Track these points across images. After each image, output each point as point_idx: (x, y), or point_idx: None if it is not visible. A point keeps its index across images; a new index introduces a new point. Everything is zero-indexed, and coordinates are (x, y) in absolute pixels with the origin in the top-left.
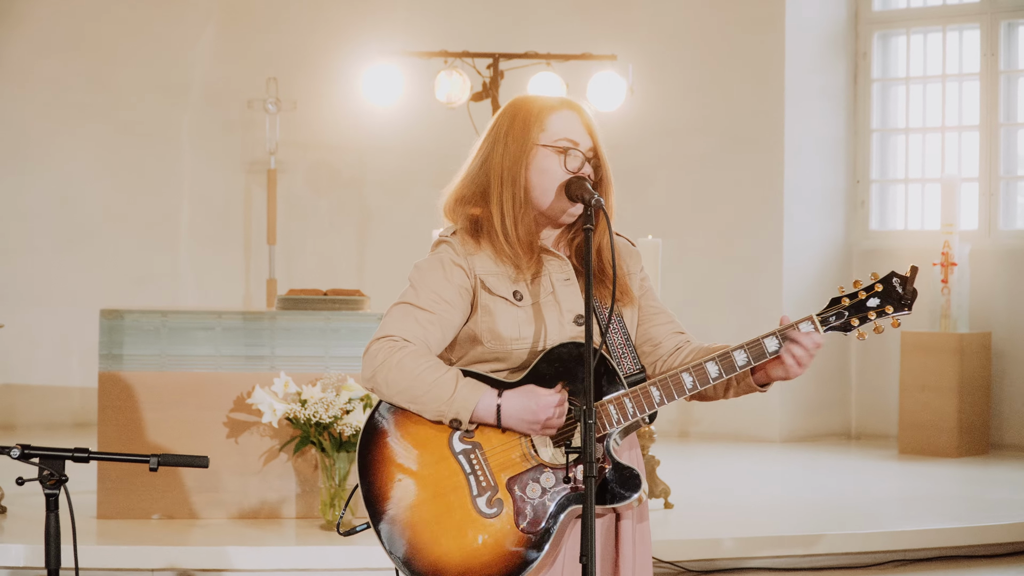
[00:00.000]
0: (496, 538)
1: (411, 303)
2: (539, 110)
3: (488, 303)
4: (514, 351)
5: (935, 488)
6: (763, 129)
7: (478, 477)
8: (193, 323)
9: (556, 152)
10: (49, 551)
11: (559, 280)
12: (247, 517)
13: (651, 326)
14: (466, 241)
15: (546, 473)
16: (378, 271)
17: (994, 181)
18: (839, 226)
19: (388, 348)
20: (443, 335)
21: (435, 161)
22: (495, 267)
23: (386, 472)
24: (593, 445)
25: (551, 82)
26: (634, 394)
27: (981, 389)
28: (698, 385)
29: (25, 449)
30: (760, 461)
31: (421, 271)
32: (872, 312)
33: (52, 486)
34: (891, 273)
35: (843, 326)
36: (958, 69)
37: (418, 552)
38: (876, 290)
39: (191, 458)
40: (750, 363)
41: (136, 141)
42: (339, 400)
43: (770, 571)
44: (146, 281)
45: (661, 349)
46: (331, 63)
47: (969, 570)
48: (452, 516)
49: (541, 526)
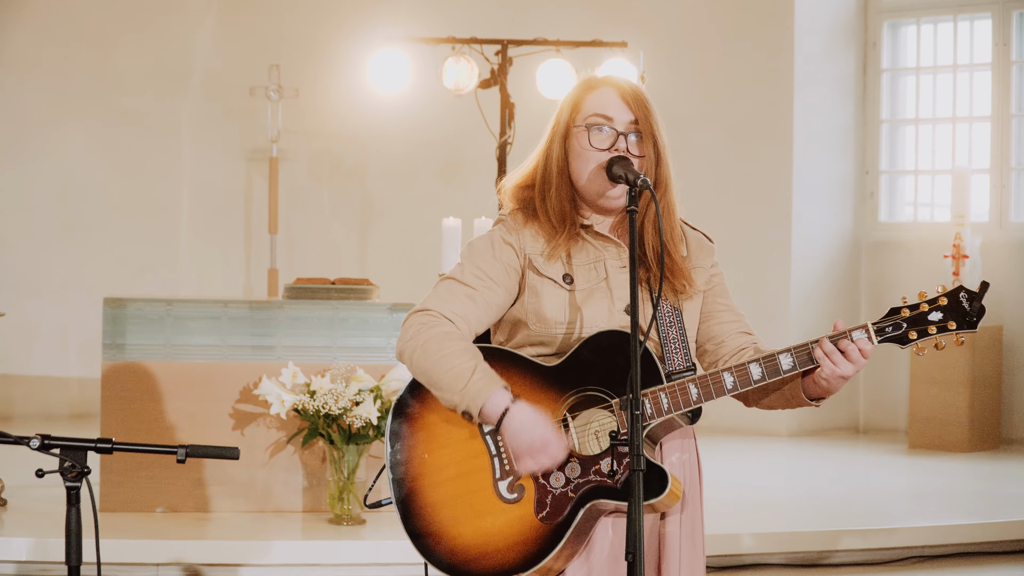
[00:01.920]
0: (513, 525)
1: (455, 278)
2: (578, 91)
3: (536, 284)
4: (559, 336)
5: (949, 484)
6: (772, 119)
7: (503, 460)
8: (198, 312)
9: (585, 131)
10: (70, 547)
11: (614, 267)
12: (253, 511)
13: (715, 323)
14: (518, 219)
15: (572, 462)
16: (381, 261)
17: (1005, 172)
18: (847, 218)
19: (421, 324)
20: (484, 312)
21: (440, 150)
22: (544, 246)
23: (411, 446)
24: (640, 438)
25: (561, 69)
26: (671, 389)
27: (992, 383)
28: (739, 386)
29: (45, 439)
30: (770, 456)
31: (472, 248)
32: (933, 326)
33: (73, 479)
34: (959, 287)
35: (900, 338)
36: (969, 59)
37: (435, 532)
38: (940, 303)
39: (221, 449)
40: (795, 368)
41: (136, 129)
42: (349, 391)
43: (789, 567)
44: (146, 270)
45: (723, 349)
46: (334, 49)
47: (988, 567)
48: (472, 498)
49: (561, 517)
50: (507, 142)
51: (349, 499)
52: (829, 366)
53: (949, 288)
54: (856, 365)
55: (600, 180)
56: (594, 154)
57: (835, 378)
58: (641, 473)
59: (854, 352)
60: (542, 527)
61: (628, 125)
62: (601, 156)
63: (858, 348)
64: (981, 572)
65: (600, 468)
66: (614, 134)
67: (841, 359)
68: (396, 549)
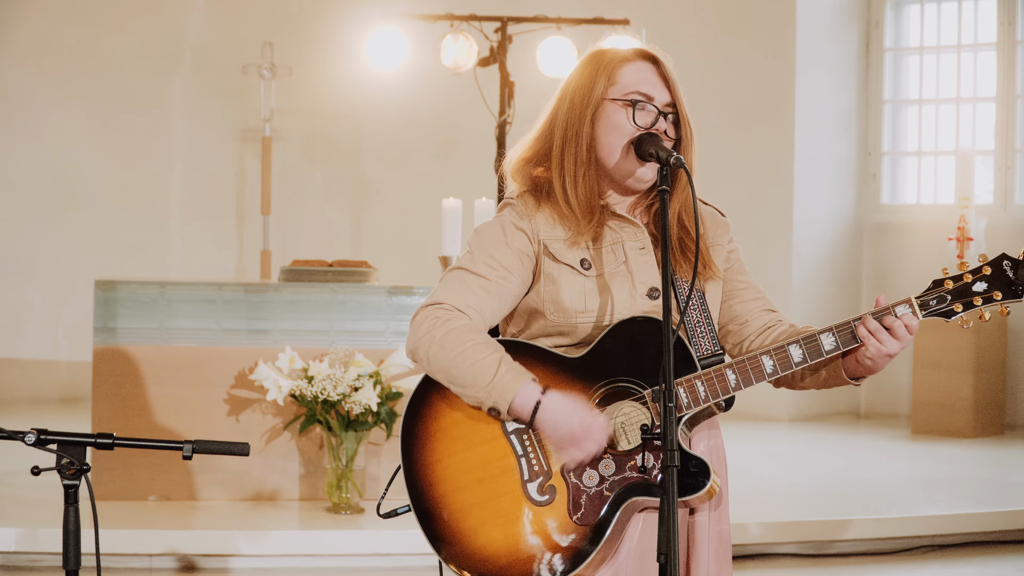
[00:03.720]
0: (546, 528)
1: (466, 268)
2: (609, 61)
3: (552, 271)
4: (579, 325)
5: (955, 470)
6: (774, 99)
7: (530, 460)
8: (193, 295)
9: (624, 106)
10: (68, 549)
11: (633, 249)
12: (248, 499)
13: (737, 302)
14: (528, 203)
15: (606, 459)
16: (375, 243)
17: (1010, 154)
18: (849, 200)
19: (434, 319)
20: (499, 304)
21: (436, 129)
22: (560, 232)
23: (430, 450)
24: (675, 431)
25: (562, 47)
26: (707, 377)
27: (997, 368)
28: (779, 370)
29: (42, 434)
30: (771, 442)
31: (480, 235)
32: (978, 297)
33: (72, 476)
34: (1002, 255)
35: (945, 311)
36: (973, 39)
37: (461, 540)
38: (984, 273)
39: (230, 445)
40: (838, 348)
41: (127, 108)
42: (347, 377)
43: (798, 557)
44: (136, 252)
45: (748, 328)
46: (329, 27)
47: (999, 556)
48: (499, 502)
49: (598, 517)
50: (507, 121)
51: (348, 487)
52: (875, 344)
53: (990, 258)
54: (902, 342)
55: (628, 159)
56: (633, 131)
57: (881, 356)
58: (675, 469)
59: (900, 328)
60: (578, 529)
61: (666, 106)
62: (635, 134)
63: (904, 324)
64: (992, 561)
65: (636, 463)
66: (656, 112)
67: (887, 336)
68: (396, 539)
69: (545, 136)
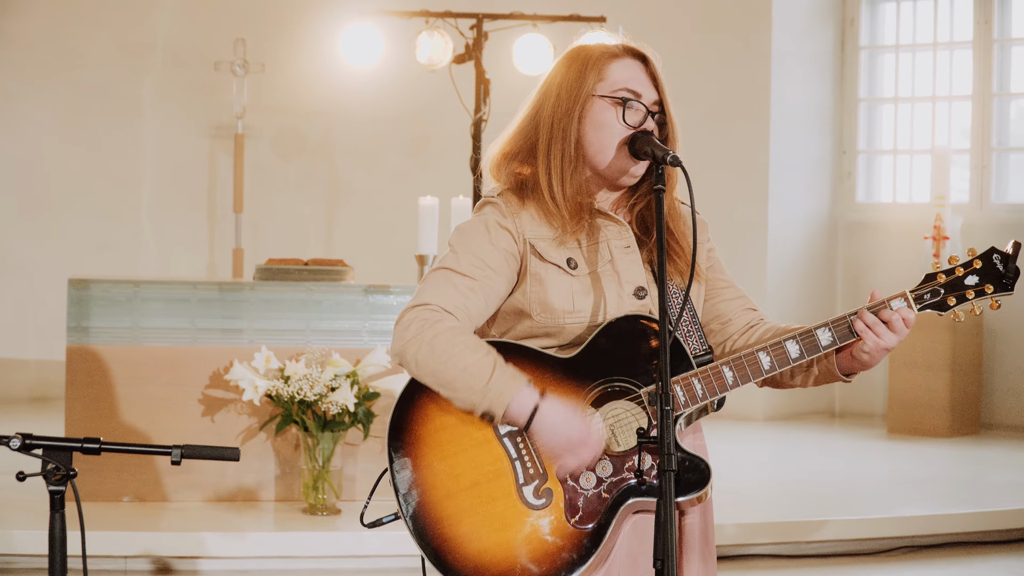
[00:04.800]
0: (543, 533)
1: (451, 268)
2: (598, 57)
3: (539, 271)
4: (567, 325)
5: (931, 470)
6: (749, 97)
7: (525, 463)
8: (167, 294)
9: (614, 104)
10: (55, 558)
11: (618, 248)
12: (223, 500)
13: (719, 301)
14: (511, 201)
15: (603, 461)
16: (348, 241)
17: (986, 153)
18: (824, 198)
19: (422, 321)
20: (486, 305)
21: (411, 127)
22: (546, 230)
23: (419, 455)
24: (672, 433)
25: (537, 44)
26: (704, 375)
27: (972, 367)
28: (776, 366)
29: (27, 439)
30: (746, 441)
31: (463, 234)
32: (970, 291)
33: (58, 482)
34: (991, 249)
35: (939, 304)
36: (949, 37)
37: (454, 547)
38: (975, 267)
39: (220, 450)
40: (835, 343)
41: (98, 105)
42: (324, 377)
43: (774, 558)
44: (107, 249)
45: (731, 327)
46: (302, 23)
47: (979, 556)
48: (493, 507)
49: (596, 520)
50: (482, 119)
51: (324, 488)
52: (872, 338)
53: (979, 252)
54: (899, 335)
55: (622, 157)
56: (623, 130)
57: (878, 351)
58: (672, 473)
59: (898, 322)
60: (576, 532)
61: (653, 104)
62: (627, 133)
63: (902, 318)
64: (971, 562)
65: (633, 464)
66: (644, 111)
67: (884, 330)
68: (374, 540)
69: (528, 131)
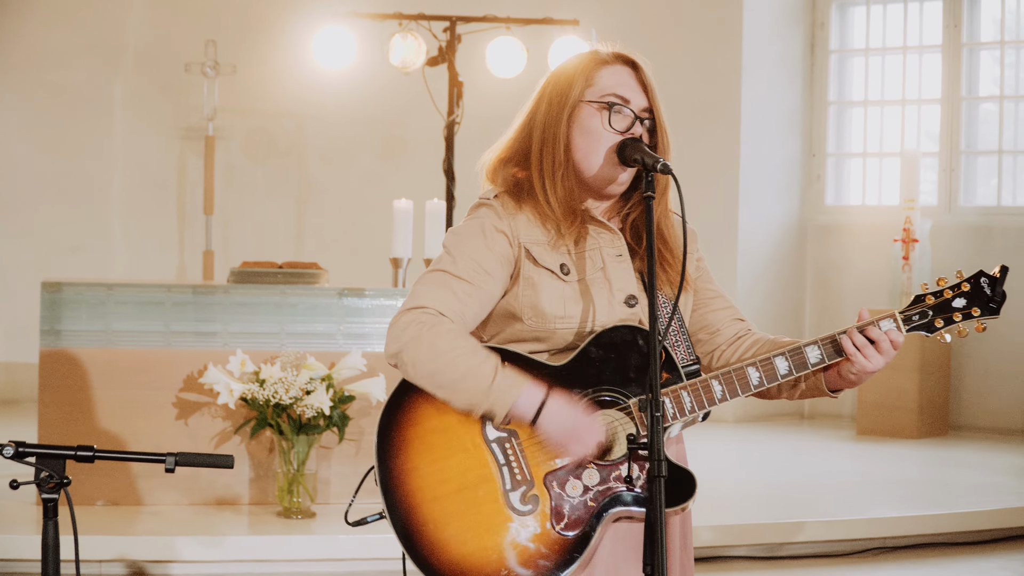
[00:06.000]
0: (528, 539)
1: (448, 271)
2: (588, 63)
3: (532, 275)
4: (558, 331)
5: (902, 471)
6: (720, 101)
7: (512, 469)
8: (141, 297)
9: (600, 109)
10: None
11: (610, 256)
12: (197, 504)
13: (708, 311)
14: (507, 204)
15: (590, 469)
16: (319, 243)
17: (955, 156)
18: (794, 201)
19: (420, 324)
20: (481, 308)
21: (383, 129)
22: (541, 235)
23: (407, 457)
24: (661, 441)
25: (511, 47)
26: (693, 387)
27: (941, 369)
28: (765, 382)
29: (20, 447)
30: (718, 443)
31: (459, 237)
32: (958, 313)
33: (51, 490)
34: (979, 272)
35: (927, 326)
36: (919, 41)
37: (438, 550)
38: (963, 290)
39: (214, 457)
40: (823, 361)
41: (68, 106)
42: (299, 380)
43: (748, 560)
44: (77, 251)
45: (719, 337)
46: (274, 25)
47: (951, 558)
48: (479, 512)
49: (581, 527)
50: (455, 121)
51: (299, 492)
52: (861, 360)
53: (967, 275)
54: (886, 357)
55: (611, 164)
56: (609, 136)
57: (866, 373)
58: (663, 480)
59: (885, 343)
60: (561, 539)
61: (642, 111)
62: (615, 139)
63: (889, 340)
64: (944, 563)
65: (620, 474)
66: (632, 116)
67: (872, 352)
68: (349, 543)
69: (523, 136)
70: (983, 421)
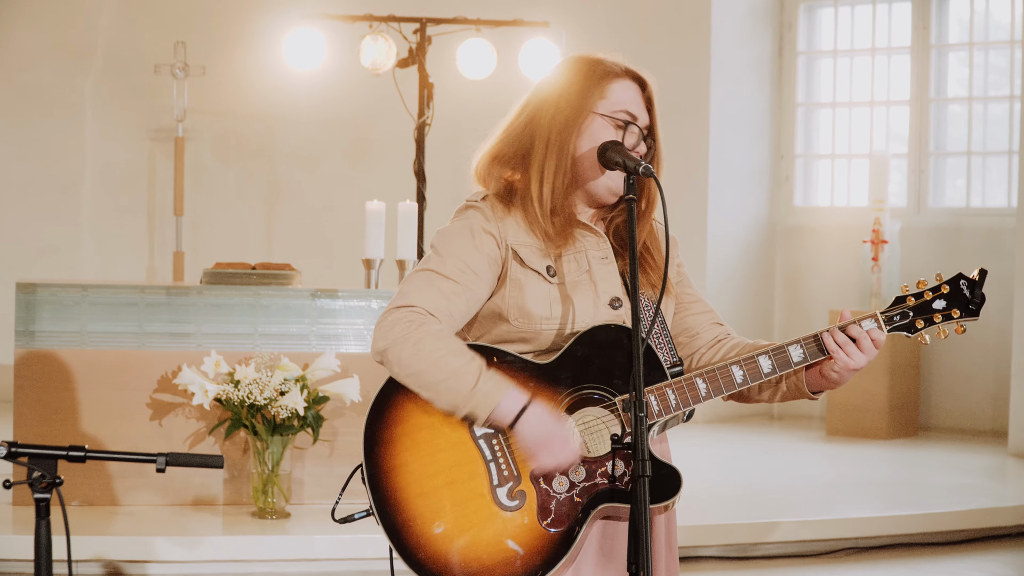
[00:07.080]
0: (515, 534)
1: (435, 271)
2: (601, 74)
3: (519, 276)
4: (543, 331)
5: (872, 472)
6: (688, 102)
7: (500, 465)
8: (115, 298)
9: (615, 126)
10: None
11: (596, 259)
12: (172, 504)
13: (688, 315)
14: (496, 207)
15: (577, 465)
16: (289, 245)
17: (924, 158)
18: (763, 202)
19: (407, 322)
20: (468, 308)
21: (353, 131)
22: (528, 237)
23: (395, 454)
24: (645, 440)
25: (481, 49)
26: (678, 385)
27: (911, 370)
28: (749, 380)
29: (12, 447)
30: (688, 444)
31: (446, 237)
32: (938, 315)
33: (44, 489)
34: (958, 275)
35: (907, 326)
36: (887, 42)
37: (425, 544)
38: (943, 291)
39: (204, 458)
40: (806, 360)
41: (37, 106)
42: (274, 380)
43: (720, 560)
44: (47, 252)
45: (699, 340)
46: (244, 26)
47: (922, 558)
48: (467, 507)
49: (568, 523)
50: (425, 123)
51: (273, 492)
52: (843, 358)
53: (947, 277)
54: (868, 356)
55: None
56: None
57: (847, 370)
58: (647, 479)
59: (867, 342)
60: (547, 535)
61: (644, 128)
62: None
63: (871, 338)
64: (915, 563)
65: (606, 470)
66: (639, 134)
67: (854, 349)
68: (324, 543)
69: (521, 137)
70: (952, 422)
